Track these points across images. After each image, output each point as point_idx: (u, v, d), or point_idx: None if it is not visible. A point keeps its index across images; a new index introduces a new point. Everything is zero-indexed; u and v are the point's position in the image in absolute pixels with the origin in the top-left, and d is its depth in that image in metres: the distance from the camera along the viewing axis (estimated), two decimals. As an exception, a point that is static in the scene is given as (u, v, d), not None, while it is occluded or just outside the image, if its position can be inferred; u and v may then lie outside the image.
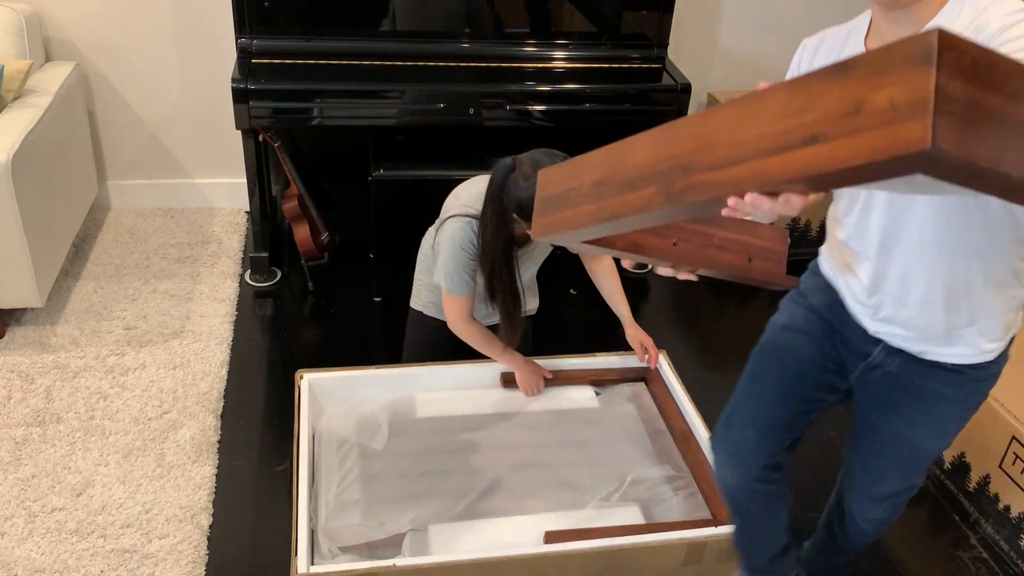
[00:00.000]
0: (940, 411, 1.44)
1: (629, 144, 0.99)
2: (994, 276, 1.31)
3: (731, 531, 1.75)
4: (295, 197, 2.99)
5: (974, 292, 1.31)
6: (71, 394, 2.47)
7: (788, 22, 3.48)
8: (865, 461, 1.59)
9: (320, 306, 3.02)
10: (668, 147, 0.92)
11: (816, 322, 1.53)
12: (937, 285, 1.31)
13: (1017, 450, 2.12)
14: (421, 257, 2.32)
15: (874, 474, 1.57)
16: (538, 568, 1.82)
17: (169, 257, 3.15)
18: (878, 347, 1.45)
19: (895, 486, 1.57)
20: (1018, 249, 1.29)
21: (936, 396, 1.43)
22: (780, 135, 0.78)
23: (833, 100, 0.73)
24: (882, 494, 1.59)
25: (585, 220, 1.04)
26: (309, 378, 2.23)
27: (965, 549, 2.22)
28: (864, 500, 1.63)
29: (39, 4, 3.01)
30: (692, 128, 0.89)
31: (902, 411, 1.47)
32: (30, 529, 2.05)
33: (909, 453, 1.51)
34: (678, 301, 3.22)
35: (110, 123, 3.29)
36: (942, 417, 1.45)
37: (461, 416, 2.26)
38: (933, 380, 1.41)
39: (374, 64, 2.89)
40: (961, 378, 1.40)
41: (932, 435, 1.48)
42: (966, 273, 1.29)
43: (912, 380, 1.43)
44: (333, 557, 1.86)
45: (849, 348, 1.50)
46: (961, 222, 1.24)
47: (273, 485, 2.26)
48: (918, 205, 1.26)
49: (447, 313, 2.18)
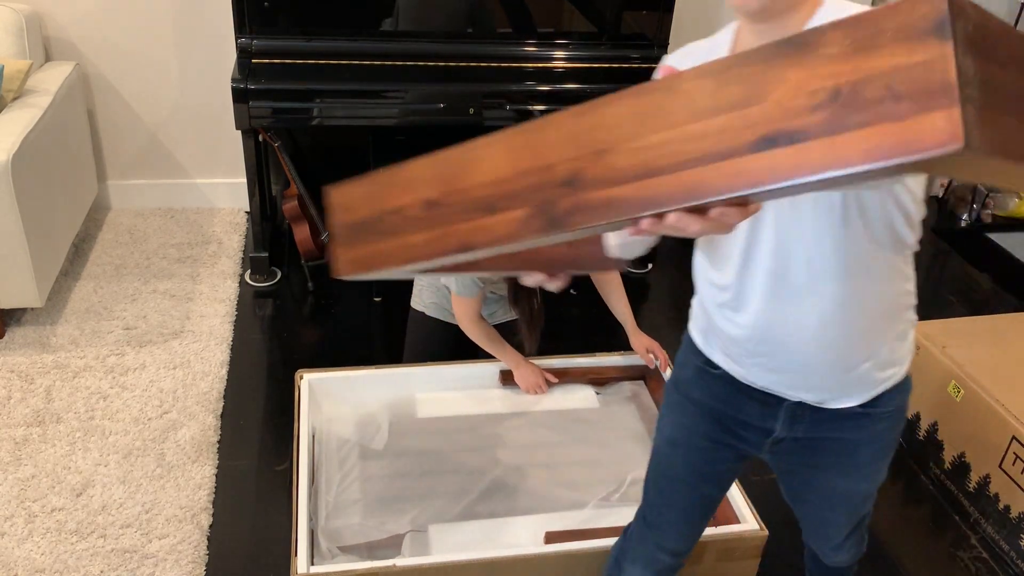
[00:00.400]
0: (860, 456, 1.37)
1: (467, 153, 0.79)
2: (887, 299, 1.22)
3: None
4: (295, 197, 2.99)
5: (868, 320, 1.22)
6: (71, 394, 2.46)
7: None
8: (811, 516, 1.54)
9: (320, 306, 3.02)
10: (532, 156, 0.73)
11: (703, 423, 1.40)
12: (831, 319, 1.19)
13: (1017, 450, 2.12)
14: None
15: (824, 526, 1.53)
16: (538, 568, 1.82)
17: (169, 257, 3.15)
18: (778, 419, 1.33)
19: (848, 527, 1.52)
20: (903, 268, 1.22)
21: (851, 444, 1.35)
22: (717, 136, 0.62)
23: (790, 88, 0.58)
24: (840, 538, 1.54)
25: (419, 253, 0.83)
26: (309, 378, 2.23)
27: (965, 549, 2.22)
28: (826, 548, 1.59)
29: (39, 4, 3.01)
30: (564, 130, 0.71)
31: (825, 467, 1.40)
32: (30, 529, 2.05)
33: (847, 499, 1.45)
34: (678, 301, 3.22)
35: (110, 123, 3.28)
36: (864, 460, 1.38)
37: (461, 416, 2.26)
38: (841, 431, 1.33)
39: (374, 64, 2.89)
40: (866, 420, 1.32)
41: (862, 479, 1.42)
42: (859, 300, 1.19)
43: (822, 438, 1.35)
44: (333, 557, 1.86)
45: (748, 430, 1.37)
46: (849, 243, 1.13)
47: (273, 485, 2.26)
48: (804, 237, 1.15)
49: (456, 313, 2.19)
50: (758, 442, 1.39)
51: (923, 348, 2.42)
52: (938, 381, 2.36)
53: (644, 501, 1.54)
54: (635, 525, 1.57)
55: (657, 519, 1.52)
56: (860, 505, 1.48)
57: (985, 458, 2.23)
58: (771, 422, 1.34)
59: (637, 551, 1.56)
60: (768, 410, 1.33)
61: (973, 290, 3.34)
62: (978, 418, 2.24)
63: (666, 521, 1.51)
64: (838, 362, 1.24)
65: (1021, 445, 2.11)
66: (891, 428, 1.36)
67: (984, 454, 2.23)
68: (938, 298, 3.27)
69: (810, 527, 1.59)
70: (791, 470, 1.47)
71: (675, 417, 1.44)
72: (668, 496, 1.49)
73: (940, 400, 2.36)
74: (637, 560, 1.56)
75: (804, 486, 1.47)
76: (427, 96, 2.81)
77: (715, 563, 1.91)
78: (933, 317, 2.68)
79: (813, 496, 1.47)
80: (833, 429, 1.33)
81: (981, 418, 2.23)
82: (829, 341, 1.22)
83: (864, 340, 1.24)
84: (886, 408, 1.32)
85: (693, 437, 1.42)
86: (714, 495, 1.50)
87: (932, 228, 3.71)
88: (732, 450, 1.41)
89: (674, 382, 1.45)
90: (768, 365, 1.28)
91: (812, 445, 1.36)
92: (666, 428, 1.46)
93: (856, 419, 1.31)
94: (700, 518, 1.51)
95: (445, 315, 2.31)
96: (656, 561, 1.54)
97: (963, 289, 3.33)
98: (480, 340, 2.21)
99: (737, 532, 1.89)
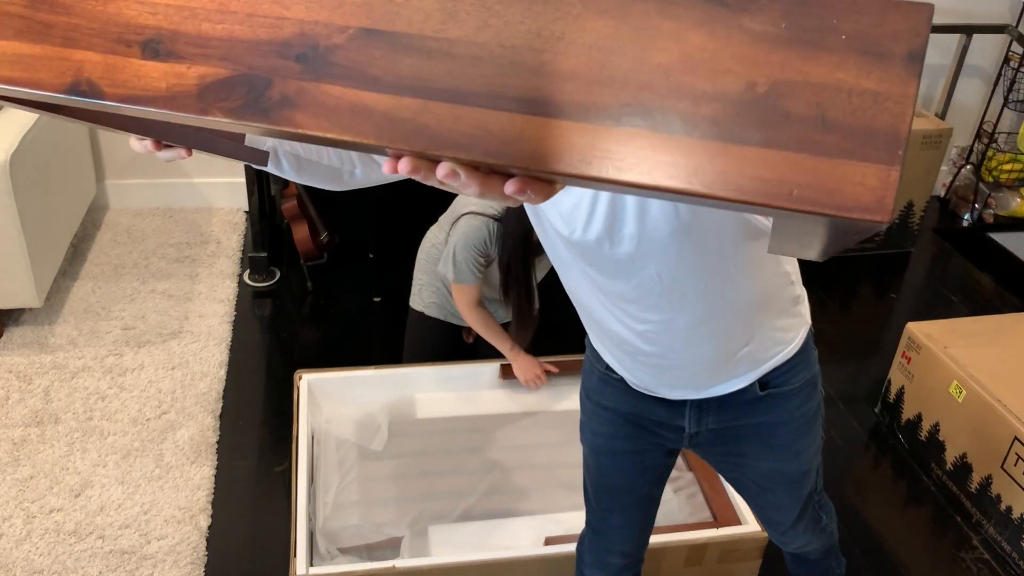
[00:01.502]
0: (778, 438, 1.34)
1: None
2: (757, 287, 1.17)
3: None
4: (294, 197, 2.99)
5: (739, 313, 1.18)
6: (69, 394, 2.46)
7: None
8: (754, 502, 1.52)
9: (319, 306, 3.02)
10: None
11: (621, 428, 1.38)
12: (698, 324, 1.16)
13: (1019, 451, 2.11)
14: (422, 256, 2.32)
15: (768, 510, 1.51)
16: (537, 570, 1.81)
17: (167, 257, 3.14)
18: (685, 416, 1.32)
19: (793, 509, 1.48)
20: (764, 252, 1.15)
21: (765, 427, 1.33)
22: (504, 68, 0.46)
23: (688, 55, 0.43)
24: (788, 521, 1.50)
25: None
26: (308, 378, 2.22)
27: (967, 550, 2.22)
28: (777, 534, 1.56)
29: (37, 3, 3.01)
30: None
31: (748, 453, 1.38)
32: (28, 530, 2.04)
33: (782, 480, 1.42)
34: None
35: (109, 122, 3.28)
36: (784, 440, 1.35)
37: (461, 417, 2.26)
38: (752, 415, 1.31)
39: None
40: (773, 401, 1.29)
41: (788, 459, 1.38)
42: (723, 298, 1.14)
43: (735, 426, 1.33)
44: (332, 558, 1.85)
45: (663, 428, 1.36)
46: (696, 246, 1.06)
47: (272, 486, 2.25)
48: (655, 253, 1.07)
49: (456, 301, 2.19)
50: (676, 438, 1.37)
51: (925, 348, 2.41)
52: (940, 381, 2.36)
53: (587, 509, 1.53)
54: (585, 531, 1.57)
55: (602, 525, 1.51)
56: (799, 485, 1.43)
57: (987, 459, 2.22)
58: (680, 419, 1.33)
59: (591, 556, 1.56)
60: (674, 408, 1.32)
61: (975, 290, 3.33)
62: (980, 419, 2.23)
63: (611, 526, 1.50)
64: (716, 355, 1.22)
65: (1023, 446, 2.11)
66: (802, 404, 1.32)
67: (986, 455, 2.23)
68: (940, 298, 3.26)
69: (758, 514, 1.57)
70: (720, 460, 1.45)
71: (593, 426, 1.42)
72: (606, 503, 1.48)
73: (942, 401, 2.36)
74: (592, 564, 1.57)
75: (737, 473, 1.45)
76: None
77: (716, 564, 1.91)
78: (935, 317, 2.68)
79: (748, 483, 1.45)
80: (743, 415, 1.31)
81: (983, 419, 2.22)
82: (702, 341, 1.19)
83: (740, 331, 1.20)
84: (791, 385, 1.29)
85: (615, 442, 1.41)
86: (652, 492, 1.48)
87: (934, 228, 3.70)
88: (655, 448, 1.40)
89: (584, 390, 1.43)
90: (650, 363, 1.24)
91: (729, 434, 1.35)
92: (588, 437, 1.45)
93: (762, 402, 1.29)
94: (644, 517, 1.51)
95: (445, 315, 2.31)
96: (609, 565, 1.54)
97: (965, 289, 3.33)
98: (480, 327, 2.21)
99: (738, 534, 1.88)
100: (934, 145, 3.28)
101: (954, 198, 3.84)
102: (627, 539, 1.51)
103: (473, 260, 2.08)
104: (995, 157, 3.70)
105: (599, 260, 1.11)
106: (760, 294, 1.19)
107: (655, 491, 1.48)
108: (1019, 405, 2.16)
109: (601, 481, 1.46)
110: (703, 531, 1.89)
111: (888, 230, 3.42)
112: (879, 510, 2.31)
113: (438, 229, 2.31)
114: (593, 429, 1.43)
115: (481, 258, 2.08)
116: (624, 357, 1.27)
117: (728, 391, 1.28)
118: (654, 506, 1.51)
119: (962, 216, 3.79)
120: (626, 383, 1.33)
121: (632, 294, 1.14)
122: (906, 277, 3.40)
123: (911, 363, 2.47)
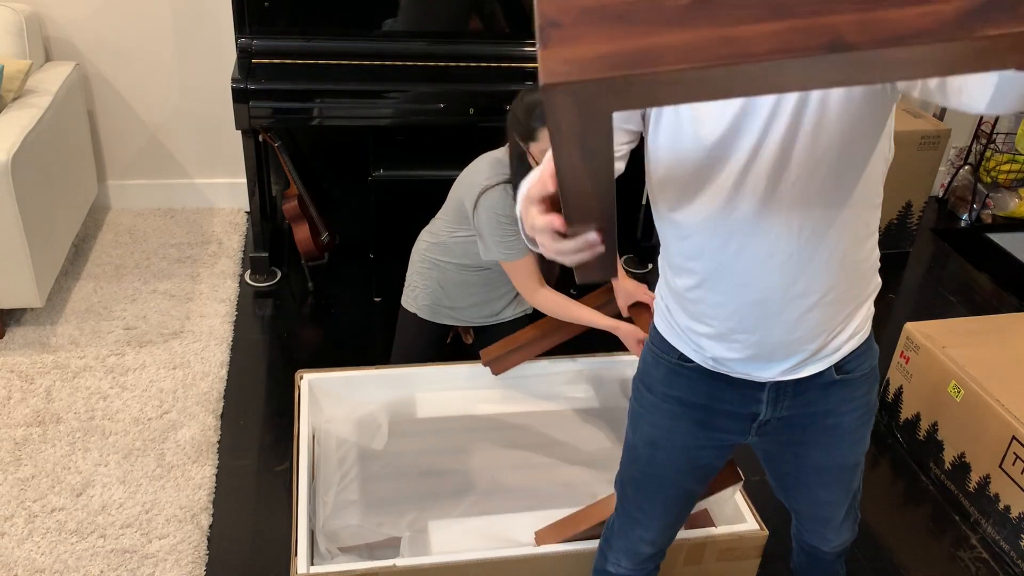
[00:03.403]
0: (845, 424, 1.38)
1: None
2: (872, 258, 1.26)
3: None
4: (295, 197, 2.99)
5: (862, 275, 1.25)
6: (71, 394, 2.46)
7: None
8: (806, 500, 1.53)
9: (320, 306, 3.02)
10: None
11: (684, 423, 1.39)
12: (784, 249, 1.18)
13: (1017, 450, 2.12)
14: (415, 258, 2.32)
15: (822, 507, 1.53)
16: (538, 568, 1.82)
17: (169, 257, 3.15)
18: (762, 401, 1.33)
19: (845, 503, 1.52)
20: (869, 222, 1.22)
21: (834, 414, 1.36)
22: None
23: None
24: (839, 517, 1.54)
25: (676, 58, 0.59)
26: (309, 378, 2.22)
27: (965, 549, 2.22)
28: (826, 531, 1.58)
29: (39, 4, 3.01)
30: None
31: (812, 443, 1.40)
32: (30, 529, 2.05)
33: (840, 472, 1.45)
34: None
35: (110, 123, 3.28)
36: (850, 427, 1.39)
37: (461, 416, 2.26)
38: (824, 402, 1.34)
39: (374, 64, 2.89)
40: (845, 387, 1.33)
41: (850, 446, 1.42)
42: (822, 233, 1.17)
43: (806, 413, 1.35)
44: (332, 557, 1.86)
45: (733, 419, 1.37)
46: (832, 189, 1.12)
47: (273, 485, 2.26)
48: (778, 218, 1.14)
49: (518, 285, 2.12)
50: (743, 429, 1.38)
51: (923, 348, 2.42)
52: (938, 381, 2.37)
53: (622, 497, 1.55)
54: (615, 519, 1.59)
55: (637, 514, 1.53)
56: (852, 477, 1.48)
57: (985, 458, 2.23)
58: (756, 406, 1.34)
59: (619, 543, 1.59)
60: (751, 393, 1.33)
61: (973, 290, 3.34)
62: (978, 418, 2.24)
63: (646, 516, 1.52)
64: (828, 319, 1.24)
65: (1021, 445, 2.11)
66: (868, 392, 1.38)
67: (984, 454, 2.23)
68: (938, 298, 3.27)
69: (807, 514, 1.58)
70: (779, 453, 1.46)
71: (654, 418, 1.42)
72: (649, 493, 1.50)
73: (940, 400, 2.36)
74: (620, 551, 1.59)
75: (795, 468, 1.48)
76: (427, 96, 2.81)
77: (715, 563, 1.91)
78: (933, 317, 2.68)
79: (806, 477, 1.48)
80: (814, 401, 1.34)
81: (981, 418, 2.23)
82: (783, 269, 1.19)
83: (853, 296, 1.26)
84: (861, 372, 1.34)
85: (674, 436, 1.41)
86: (695, 490, 1.51)
87: (932, 228, 3.71)
88: (715, 444, 1.42)
89: (646, 384, 1.42)
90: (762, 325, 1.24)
91: (796, 422, 1.37)
92: (644, 429, 1.44)
93: (835, 388, 1.33)
94: (680, 511, 1.53)
95: (437, 316, 2.31)
96: (638, 554, 1.57)
97: (963, 289, 3.33)
98: (555, 310, 2.07)
99: (737, 532, 1.89)
100: (932, 146, 3.29)
101: (952, 198, 3.85)
102: (661, 530, 1.54)
103: (510, 231, 2.03)
104: (993, 158, 3.71)
105: (762, 190, 1.14)
106: (870, 270, 1.27)
107: (697, 488, 1.51)
108: (1017, 404, 2.17)
109: (649, 472, 1.48)
110: (701, 530, 1.90)
111: (886, 230, 3.43)
112: (878, 509, 2.32)
113: (432, 229, 2.31)
114: (653, 422, 1.42)
115: (511, 222, 2.02)
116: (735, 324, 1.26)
117: (810, 372, 1.30)
118: (691, 503, 1.54)
119: (960, 216, 3.80)
120: (702, 371, 1.34)
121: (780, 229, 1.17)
122: (904, 277, 3.40)
123: (909, 363, 2.48)
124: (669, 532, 1.56)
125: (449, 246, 2.24)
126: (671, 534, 1.57)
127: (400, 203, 2.87)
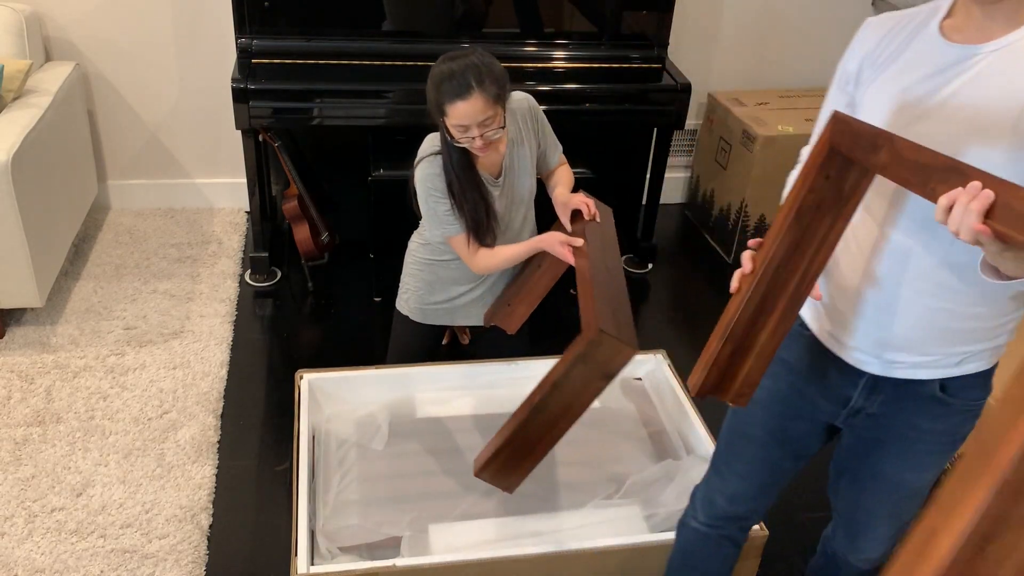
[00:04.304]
0: (924, 444, 1.38)
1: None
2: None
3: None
4: (295, 197, 2.99)
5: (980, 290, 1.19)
6: (71, 394, 2.47)
7: (788, 21, 3.48)
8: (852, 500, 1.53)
9: (320, 306, 3.02)
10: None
11: (783, 387, 1.44)
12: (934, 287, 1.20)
13: (1017, 450, 2.12)
14: (408, 259, 2.31)
15: (862, 512, 1.52)
16: (538, 568, 1.82)
17: (169, 257, 3.15)
18: (857, 387, 1.35)
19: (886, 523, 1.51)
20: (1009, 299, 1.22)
21: (920, 431, 1.36)
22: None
23: None
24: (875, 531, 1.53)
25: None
26: (309, 378, 2.22)
27: None
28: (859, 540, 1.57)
29: (39, 4, 3.01)
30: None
31: (887, 447, 1.40)
32: (30, 529, 2.05)
33: (896, 488, 1.45)
34: (678, 301, 3.22)
35: (110, 123, 3.29)
36: (927, 449, 1.38)
37: (461, 416, 2.26)
38: (916, 414, 1.34)
39: (374, 64, 2.89)
40: (944, 409, 1.33)
41: (917, 467, 1.41)
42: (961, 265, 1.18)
43: (894, 417, 1.36)
44: (332, 557, 1.86)
45: (827, 397, 1.40)
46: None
47: (273, 485, 2.26)
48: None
49: (462, 256, 2.13)
50: (835, 411, 1.41)
51: None
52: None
53: (716, 449, 1.60)
54: (705, 475, 1.64)
55: (721, 465, 1.58)
56: (906, 500, 1.46)
57: (985, 458, 2.23)
58: (850, 389, 1.36)
59: (700, 492, 1.65)
60: (849, 377, 1.35)
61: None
62: (978, 418, 2.23)
63: (728, 469, 1.57)
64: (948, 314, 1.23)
65: (1021, 445, 2.11)
66: (962, 424, 1.36)
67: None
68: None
69: (845, 514, 1.57)
70: (853, 446, 1.47)
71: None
72: (736, 449, 1.54)
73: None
74: (698, 500, 1.65)
75: (856, 464, 1.47)
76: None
77: (715, 563, 1.91)
78: None
79: (862, 477, 1.47)
80: (908, 409, 1.34)
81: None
82: (948, 289, 1.20)
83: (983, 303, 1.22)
84: (964, 401, 1.33)
85: (772, 398, 1.46)
86: (782, 464, 1.52)
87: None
88: (807, 416, 1.44)
89: None
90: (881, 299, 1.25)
91: (883, 422, 1.38)
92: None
93: (933, 404, 1.32)
94: (766, 478, 1.54)
95: (427, 318, 2.30)
96: (714, 505, 1.60)
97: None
98: (498, 262, 2.11)
99: (737, 532, 1.89)
100: None
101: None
102: (740, 490, 1.56)
103: (438, 201, 2.04)
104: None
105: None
106: (1013, 301, 1.23)
107: (785, 463, 1.52)
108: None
109: (740, 427, 1.52)
110: (702, 530, 1.89)
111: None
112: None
113: (420, 230, 2.31)
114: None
115: (441, 196, 2.04)
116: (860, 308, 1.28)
117: (913, 376, 1.30)
118: (780, 476, 1.54)
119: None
120: (815, 341, 1.38)
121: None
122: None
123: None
124: (749, 496, 1.56)
125: (435, 244, 2.23)
126: (751, 502, 1.57)
127: (400, 203, 2.85)
